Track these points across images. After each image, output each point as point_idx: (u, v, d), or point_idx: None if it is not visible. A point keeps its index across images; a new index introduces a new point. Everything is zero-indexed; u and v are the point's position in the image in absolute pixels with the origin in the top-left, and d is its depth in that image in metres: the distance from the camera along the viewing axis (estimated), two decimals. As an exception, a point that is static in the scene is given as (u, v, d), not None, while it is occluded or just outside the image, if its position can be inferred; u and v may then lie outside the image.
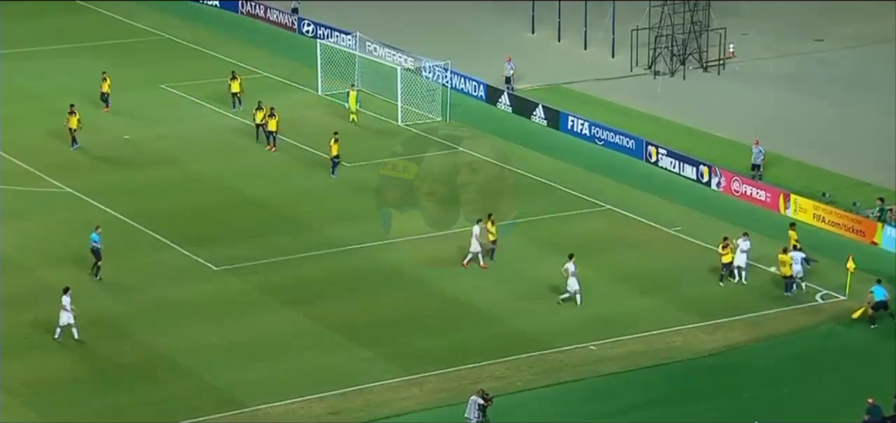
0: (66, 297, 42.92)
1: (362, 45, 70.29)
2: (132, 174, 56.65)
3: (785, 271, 46.98)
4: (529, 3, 78.19)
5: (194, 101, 66.38)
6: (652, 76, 71.05)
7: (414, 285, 47.49)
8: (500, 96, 66.93)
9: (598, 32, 74.61)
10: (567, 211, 53.06)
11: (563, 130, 63.53)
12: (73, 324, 42.76)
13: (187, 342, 43.27)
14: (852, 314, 45.57)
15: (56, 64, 72.46)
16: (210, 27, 79.31)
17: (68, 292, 43.02)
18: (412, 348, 43.20)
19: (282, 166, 58.05)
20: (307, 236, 50.90)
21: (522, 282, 47.72)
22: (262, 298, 46.29)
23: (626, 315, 45.65)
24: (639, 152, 60.22)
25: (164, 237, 50.44)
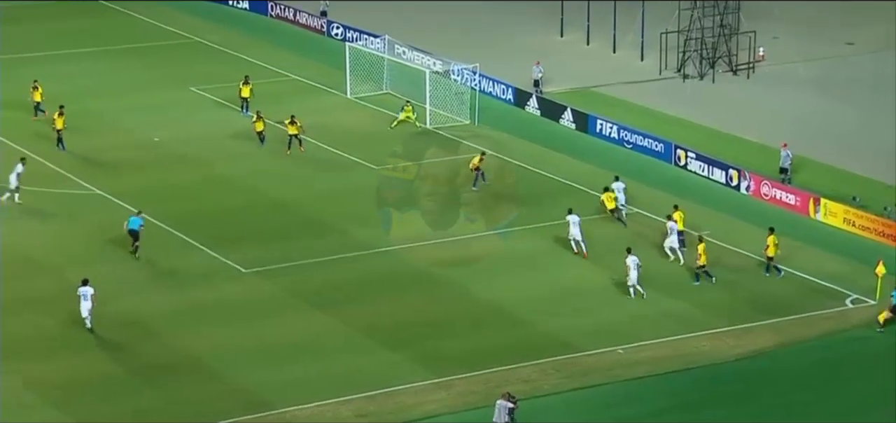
0: (85, 288, 43.39)
1: (391, 48, 70.42)
2: (161, 176, 56.91)
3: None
4: (558, 7, 78.14)
5: (223, 103, 66.64)
6: (681, 79, 70.89)
7: (441, 287, 47.54)
8: (529, 99, 66.93)
9: (627, 35, 74.49)
10: (595, 214, 53.01)
11: (591, 133, 63.47)
12: (87, 315, 43.36)
13: (216, 344, 43.45)
14: (878, 318, 45.35)
15: (84, 67, 72.87)
16: (239, 30, 79.62)
17: (88, 283, 43.53)
18: (440, 351, 43.26)
19: (310, 169, 58.21)
20: (335, 239, 51.05)
21: (550, 285, 47.70)
22: (290, 300, 46.45)
23: (653, 319, 45.57)
24: (667, 156, 60.10)
25: (194, 239, 50.66)
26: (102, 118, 64.22)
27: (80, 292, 43.82)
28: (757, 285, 47.95)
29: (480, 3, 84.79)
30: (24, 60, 73.43)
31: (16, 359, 42.16)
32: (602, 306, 46.37)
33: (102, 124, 63.25)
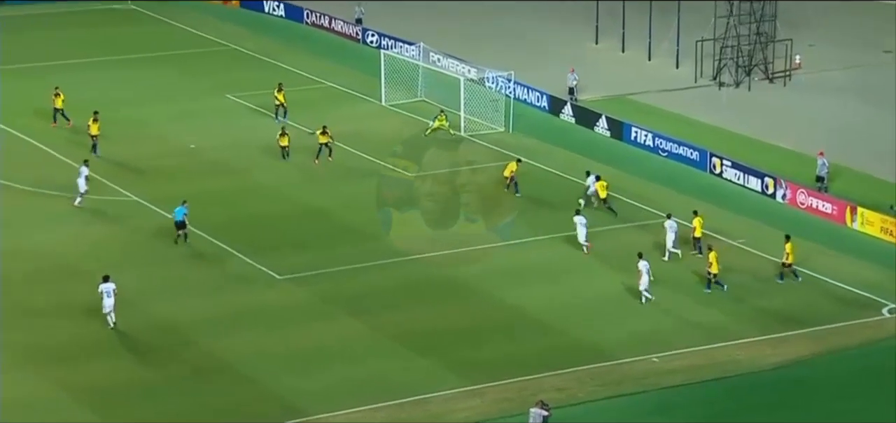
0: (106, 284, 43.70)
1: (426, 55, 70.44)
2: (197, 183, 57.09)
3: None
4: (593, 14, 77.95)
5: (259, 110, 66.82)
6: (717, 87, 70.55)
7: (473, 294, 47.45)
8: (564, 107, 66.78)
9: (663, 43, 74.23)
10: (630, 222, 52.76)
11: (626, 140, 63.24)
12: (111, 310, 43.85)
13: (250, 350, 43.52)
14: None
15: (121, 74, 73.22)
16: (275, 37, 79.88)
17: (109, 280, 43.92)
18: (472, 358, 43.15)
19: (344, 176, 58.26)
20: (369, 246, 51.03)
21: (583, 292, 47.52)
22: (324, 307, 46.48)
23: (688, 327, 45.31)
24: (703, 164, 59.80)
25: (229, 246, 50.79)
26: (138, 125, 64.52)
27: (102, 288, 44.23)
28: (792, 295, 47.60)
29: (515, 11, 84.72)
30: (60, 67, 73.89)
31: (52, 364, 42.39)
32: (635, 313, 46.15)
33: (138, 131, 63.53)
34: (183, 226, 50.56)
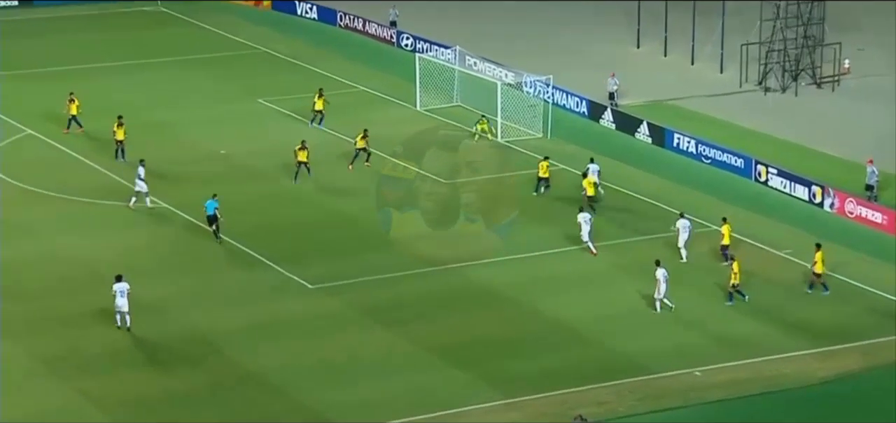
0: (119, 284, 44.21)
1: (462, 59, 70.45)
2: (227, 189, 57.15)
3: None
4: (635, 17, 77.75)
5: (291, 115, 66.99)
6: (762, 92, 70.23)
7: (511, 304, 47.37)
8: (604, 112, 66.61)
9: (707, 47, 73.96)
10: (671, 231, 52.50)
11: (668, 147, 63.00)
12: (127, 311, 44.32)
13: (281, 361, 43.58)
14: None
15: (150, 77, 73.63)
16: (308, 40, 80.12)
17: (122, 279, 44.37)
18: (510, 371, 43.05)
19: (377, 183, 58.26)
20: (402, 255, 51.01)
21: (623, 303, 47.34)
22: (357, 317, 46.50)
23: (732, 340, 45.06)
24: (747, 171, 59.50)
25: (260, 254, 50.91)
26: (168, 130, 64.83)
27: (116, 288, 44.58)
28: (840, 307, 47.25)
29: (554, 14, 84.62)
30: (87, 71, 74.40)
31: (80, 374, 42.56)
32: (676, 325, 45.92)
33: (168, 136, 63.82)
34: (214, 219, 51.25)
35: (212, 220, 51.55)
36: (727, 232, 50.19)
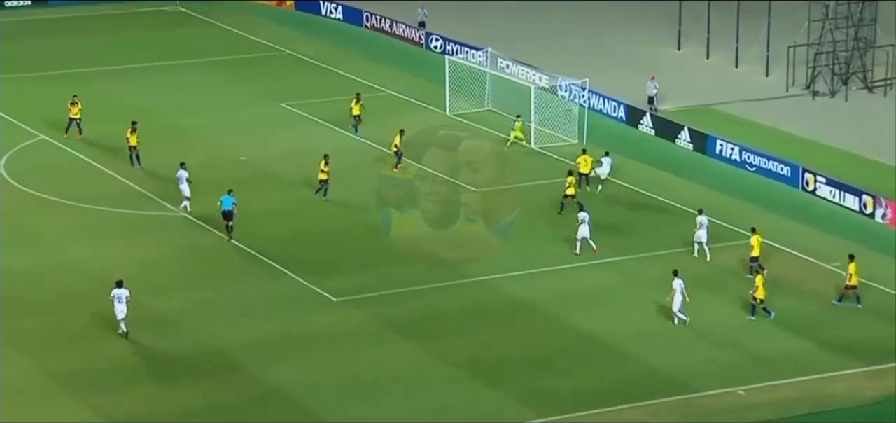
0: (119, 290, 44.83)
1: (494, 61, 70.63)
2: (248, 197, 57.46)
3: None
4: (676, 17, 77.75)
5: (314, 120, 67.31)
6: (810, 97, 70.11)
7: (544, 318, 47.48)
8: (643, 118, 66.66)
9: (752, 48, 73.90)
10: (714, 243, 52.53)
11: (710, 154, 63.00)
12: (124, 317, 45.03)
13: (304, 377, 43.80)
14: None
15: (167, 80, 74.07)
16: (332, 42, 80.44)
17: (122, 285, 44.99)
18: (543, 388, 43.15)
19: (396, 187, 58.54)
20: (430, 266, 51.13)
21: (661, 319, 47.36)
22: (382, 331, 46.69)
23: (778, 358, 45.02)
24: (794, 180, 59.44)
25: (281, 265, 51.18)
26: (186, 135, 65.22)
27: (115, 294, 45.20)
28: (890, 323, 47.09)
29: (590, 13, 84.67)
30: (104, 74, 74.91)
31: (94, 391, 42.84)
32: (718, 341, 45.92)
33: (186, 141, 64.18)
34: (230, 216, 51.98)
35: (227, 215, 52.26)
36: (757, 243, 50.20)
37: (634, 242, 53.09)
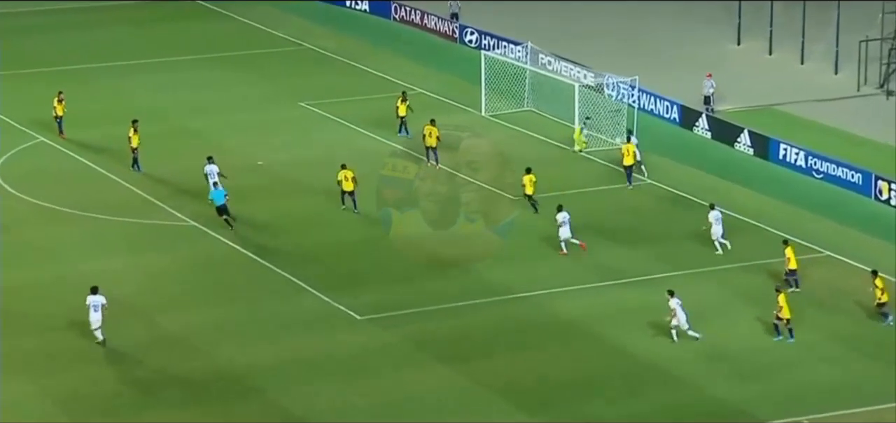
0: (94, 297, 45.47)
1: (534, 57, 70.67)
2: (265, 205, 57.79)
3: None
4: (735, 9, 77.60)
5: (339, 121, 67.50)
6: (884, 96, 69.89)
7: (590, 338, 47.47)
8: (698, 119, 66.60)
9: (819, 44, 73.70)
10: (776, 257, 52.40)
11: (773, 160, 62.90)
12: (99, 327, 45.64)
13: (326, 402, 43.90)
14: None
15: (179, 78, 74.47)
16: (358, 36, 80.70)
17: (97, 292, 45.67)
18: (591, 416, 43.15)
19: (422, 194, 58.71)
20: (465, 281, 51.23)
21: (719, 340, 47.24)
22: (411, 353, 46.78)
23: (848, 384, 44.86)
24: (866, 188, 59.27)
25: (301, 280, 51.33)
26: (198, 137, 65.50)
27: (90, 301, 45.77)
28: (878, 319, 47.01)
29: (640, 6, 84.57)
30: (112, 70, 75.34)
31: (101, 416, 42.97)
32: (779, 365, 45.78)
33: (198, 144, 64.39)
34: (225, 210, 52.57)
35: (222, 210, 53.18)
36: (792, 255, 50.05)
37: (684, 255, 52.96)
